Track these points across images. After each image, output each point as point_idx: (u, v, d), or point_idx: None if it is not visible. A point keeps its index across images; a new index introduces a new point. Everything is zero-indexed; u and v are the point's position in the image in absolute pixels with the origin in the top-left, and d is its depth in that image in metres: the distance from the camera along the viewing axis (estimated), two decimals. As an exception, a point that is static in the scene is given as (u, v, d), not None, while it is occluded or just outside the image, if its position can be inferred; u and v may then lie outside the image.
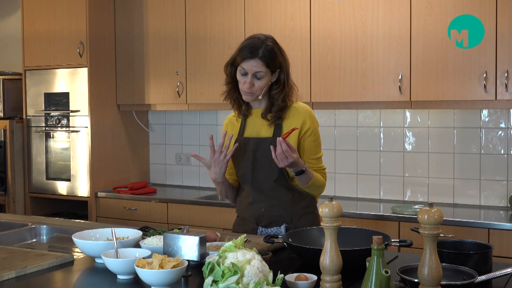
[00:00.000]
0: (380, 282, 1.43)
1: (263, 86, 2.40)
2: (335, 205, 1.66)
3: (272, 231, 2.47)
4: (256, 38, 2.41)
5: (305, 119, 2.45)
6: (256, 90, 2.40)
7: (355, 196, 4.07)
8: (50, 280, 1.92)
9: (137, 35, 4.45)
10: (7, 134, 4.52)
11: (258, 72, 2.37)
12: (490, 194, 3.68)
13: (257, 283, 1.54)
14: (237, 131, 2.54)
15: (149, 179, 4.90)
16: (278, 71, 2.42)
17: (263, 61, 2.36)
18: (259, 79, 2.38)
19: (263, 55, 2.36)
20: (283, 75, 2.43)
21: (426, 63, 3.46)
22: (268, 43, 2.39)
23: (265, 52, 2.36)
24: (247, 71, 2.38)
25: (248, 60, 2.37)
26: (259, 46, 2.38)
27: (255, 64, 2.36)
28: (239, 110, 2.52)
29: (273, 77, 2.42)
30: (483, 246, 1.96)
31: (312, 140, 2.47)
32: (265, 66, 2.37)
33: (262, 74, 2.37)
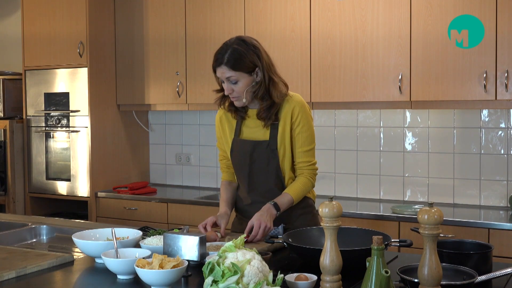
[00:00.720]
0: (380, 282, 1.43)
1: (242, 89, 2.36)
2: (335, 205, 1.66)
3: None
4: (224, 44, 2.39)
5: (294, 109, 2.42)
6: (238, 94, 2.38)
7: (355, 196, 4.07)
8: (50, 280, 1.92)
9: (137, 35, 4.45)
10: (7, 134, 4.52)
11: (229, 77, 2.34)
12: (490, 194, 3.68)
13: (257, 283, 1.54)
14: (233, 130, 2.52)
15: (149, 179, 4.90)
16: (257, 70, 2.37)
17: (229, 66, 2.32)
18: (235, 83, 2.36)
19: (228, 60, 2.32)
20: (260, 72, 2.38)
21: (426, 63, 3.46)
22: (234, 46, 2.35)
23: (230, 56, 2.33)
24: (221, 78, 2.37)
25: (217, 68, 2.36)
26: (225, 51, 2.35)
27: (223, 70, 2.34)
28: (236, 113, 2.51)
29: (253, 77, 2.37)
30: (483, 246, 1.96)
31: (303, 130, 2.43)
32: (233, 70, 2.33)
33: (235, 78, 2.34)
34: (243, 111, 2.49)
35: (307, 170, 2.46)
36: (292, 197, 2.40)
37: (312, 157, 2.48)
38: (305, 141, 2.44)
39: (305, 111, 2.46)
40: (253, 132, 2.48)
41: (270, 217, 2.33)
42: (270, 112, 2.41)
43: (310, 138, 2.46)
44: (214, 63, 2.37)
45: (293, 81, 3.84)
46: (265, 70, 2.38)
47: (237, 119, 2.52)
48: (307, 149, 2.45)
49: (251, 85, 2.37)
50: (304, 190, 2.44)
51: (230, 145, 2.52)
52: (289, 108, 2.43)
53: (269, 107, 2.40)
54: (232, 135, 2.53)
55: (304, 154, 2.45)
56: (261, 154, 2.43)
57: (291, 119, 2.42)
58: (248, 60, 2.34)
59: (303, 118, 2.44)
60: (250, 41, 2.40)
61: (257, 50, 2.38)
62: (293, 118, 2.42)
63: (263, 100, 2.40)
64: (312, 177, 2.48)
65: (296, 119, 2.43)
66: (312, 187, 2.50)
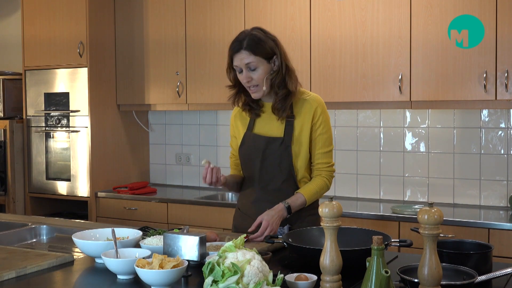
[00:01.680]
0: (380, 282, 1.43)
1: (261, 76, 2.34)
2: (335, 205, 1.66)
3: None
4: (242, 32, 2.39)
5: (316, 109, 2.42)
6: (257, 82, 2.35)
7: (355, 196, 4.07)
8: (50, 280, 1.92)
9: (137, 35, 4.45)
10: (7, 134, 4.52)
11: (249, 63, 2.32)
12: (490, 194, 3.68)
13: (257, 283, 1.54)
14: (247, 124, 2.50)
15: (149, 179, 4.90)
16: (275, 58, 2.37)
17: (249, 50, 2.32)
18: (254, 70, 2.34)
19: (248, 45, 2.32)
20: (278, 61, 2.37)
21: (426, 63, 3.46)
22: (252, 32, 2.36)
23: (250, 41, 2.32)
24: (240, 66, 2.35)
25: (236, 55, 2.34)
26: (244, 38, 2.35)
27: (243, 56, 2.32)
28: (250, 112, 2.49)
29: (271, 66, 2.37)
30: (483, 246, 1.96)
31: (324, 131, 2.43)
32: (253, 54, 2.32)
33: (254, 64, 2.33)
34: (257, 108, 2.46)
35: (325, 171, 2.45)
36: (306, 198, 2.39)
37: (330, 159, 2.47)
38: (325, 142, 2.44)
39: (326, 112, 2.47)
40: (266, 128, 2.45)
41: (279, 219, 2.32)
42: (285, 103, 2.38)
43: (330, 139, 2.46)
44: (232, 50, 2.35)
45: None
46: (283, 58, 2.38)
47: (252, 116, 2.49)
48: (326, 151, 2.45)
49: (270, 73, 2.36)
50: (318, 193, 2.42)
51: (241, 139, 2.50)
52: (310, 107, 2.42)
53: (285, 98, 2.38)
54: (244, 129, 2.50)
55: (323, 155, 2.44)
56: (274, 151, 2.41)
57: (312, 120, 2.41)
58: (267, 46, 2.35)
59: (324, 120, 2.44)
60: (267, 30, 2.42)
61: (275, 38, 2.40)
62: (315, 119, 2.41)
63: (280, 89, 2.38)
64: (329, 179, 2.46)
65: (318, 120, 2.42)
66: (327, 190, 2.47)
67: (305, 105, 2.42)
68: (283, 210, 2.35)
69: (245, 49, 2.32)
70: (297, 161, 2.42)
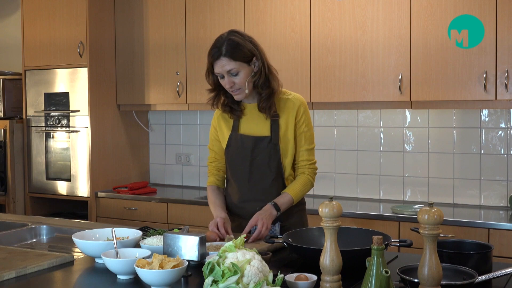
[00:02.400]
0: (380, 282, 1.43)
1: (243, 80, 2.35)
2: (335, 205, 1.66)
3: None
4: (219, 38, 2.38)
5: (299, 107, 2.45)
6: (240, 86, 2.36)
7: (355, 196, 4.07)
8: (50, 280, 1.92)
9: (137, 35, 4.45)
10: (7, 134, 4.52)
11: (230, 70, 2.33)
12: (490, 194, 3.68)
13: (257, 283, 1.54)
14: (231, 127, 2.51)
15: (149, 179, 4.90)
16: (255, 59, 2.37)
17: (229, 56, 2.31)
18: (236, 75, 2.34)
19: (227, 51, 2.32)
20: (258, 62, 2.37)
21: (426, 63, 3.46)
22: (230, 37, 2.35)
23: (228, 47, 2.32)
24: (221, 72, 2.35)
25: (216, 62, 2.35)
26: (221, 44, 2.34)
27: (223, 63, 2.33)
28: (231, 113, 2.49)
29: (252, 67, 2.37)
30: (483, 246, 1.96)
31: (307, 129, 2.46)
32: (234, 60, 2.32)
33: (235, 69, 2.33)
34: (238, 109, 2.48)
35: (308, 168, 2.47)
36: (292, 197, 2.41)
37: (312, 156, 2.50)
38: (307, 140, 2.47)
39: (308, 111, 2.50)
40: (252, 127, 2.47)
41: (270, 217, 2.34)
42: (270, 101, 2.40)
43: (312, 137, 2.49)
44: (212, 57, 2.35)
45: (293, 81, 3.84)
46: (263, 58, 2.39)
47: (233, 118, 2.50)
48: (309, 148, 2.48)
49: (251, 75, 2.37)
50: (303, 190, 2.46)
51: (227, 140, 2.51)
52: (293, 105, 2.44)
53: (269, 96, 2.40)
54: (229, 131, 2.51)
55: (306, 153, 2.46)
56: (263, 150, 2.42)
57: (296, 117, 2.44)
58: (246, 49, 2.34)
59: (306, 118, 2.47)
60: (243, 32, 2.42)
61: (252, 39, 2.41)
62: (298, 117, 2.44)
63: (263, 89, 2.39)
64: (313, 176, 2.49)
65: (301, 118, 2.45)
66: (311, 187, 2.50)
67: (288, 104, 2.45)
68: (271, 209, 2.36)
69: (225, 56, 2.32)
70: (285, 159, 2.45)
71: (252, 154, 2.44)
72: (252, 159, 2.44)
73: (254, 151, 2.44)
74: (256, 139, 2.44)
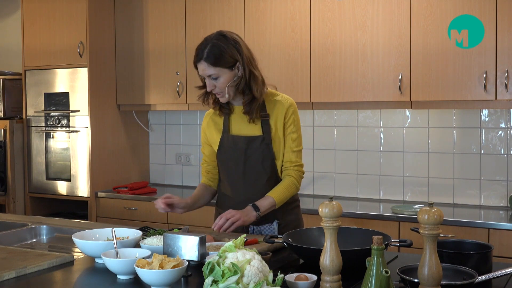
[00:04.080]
0: (380, 282, 1.43)
1: (224, 85, 2.35)
2: (335, 205, 1.66)
3: (264, 228, 2.47)
4: (204, 39, 2.38)
5: (288, 109, 2.44)
6: (220, 90, 2.37)
7: (355, 196, 4.07)
8: (50, 280, 1.92)
9: (137, 35, 4.45)
10: (7, 134, 4.52)
11: (210, 74, 2.34)
12: (490, 194, 3.68)
13: (257, 283, 1.54)
14: (221, 129, 2.51)
15: (149, 179, 4.90)
16: (238, 64, 2.36)
17: (209, 62, 2.32)
18: (216, 79, 2.35)
19: (208, 56, 2.32)
20: (241, 67, 2.37)
21: (426, 63, 3.46)
22: (214, 41, 2.34)
23: (209, 53, 2.32)
24: (202, 75, 2.37)
25: (198, 64, 2.36)
26: (205, 47, 2.34)
27: (203, 67, 2.34)
28: (220, 111, 2.50)
29: (235, 72, 2.36)
30: (483, 246, 1.96)
31: (294, 131, 2.45)
32: (214, 66, 2.32)
33: (216, 74, 2.33)
34: (227, 107, 2.48)
35: (293, 170, 2.45)
36: (275, 200, 2.38)
37: (300, 159, 2.48)
38: (295, 141, 2.46)
39: (297, 113, 2.49)
40: (243, 128, 2.46)
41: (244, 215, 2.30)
42: (251, 107, 2.40)
43: (299, 140, 2.48)
44: (195, 58, 2.37)
45: (293, 81, 3.84)
46: (246, 64, 2.37)
47: (222, 116, 2.51)
48: (295, 150, 2.46)
49: (233, 80, 2.36)
50: (286, 193, 2.41)
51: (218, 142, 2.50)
52: (282, 107, 2.44)
53: (250, 102, 2.40)
54: (220, 133, 2.51)
55: (292, 154, 2.45)
56: (256, 150, 2.42)
57: (284, 118, 2.43)
58: (228, 55, 2.33)
59: (295, 120, 2.46)
60: (231, 36, 2.38)
61: (237, 44, 2.37)
62: (286, 117, 2.44)
63: (244, 94, 2.40)
64: (298, 179, 2.46)
65: (289, 119, 2.44)
66: (296, 190, 2.47)
67: (277, 105, 2.45)
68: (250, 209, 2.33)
69: (205, 60, 2.33)
70: (277, 161, 2.45)
71: (245, 154, 2.44)
72: (246, 159, 2.44)
73: (247, 151, 2.43)
74: (249, 139, 2.44)
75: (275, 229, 2.45)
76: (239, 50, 2.36)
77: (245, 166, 2.45)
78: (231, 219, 2.27)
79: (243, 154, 2.44)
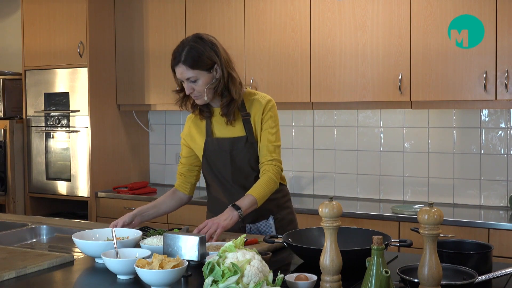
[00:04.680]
0: (380, 282, 1.43)
1: (202, 88, 2.34)
2: (335, 205, 1.66)
3: (261, 225, 2.47)
4: (181, 42, 2.36)
5: (266, 105, 2.43)
6: (199, 93, 2.35)
7: (355, 196, 4.07)
8: (50, 280, 1.92)
9: (137, 35, 4.45)
10: (7, 134, 4.52)
11: (189, 77, 2.32)
12: (490, 194, 3.68)
13: (257, 283, 1.54)
14: (203, 132, 2.49)
15: (149, 179, 4.90)
16: (216, 66, 2.35)
17: (187, 64, 2.30)
18: (194, 82, 2.33)
19: (185, 59, 2.30)
20: (219, 69, 2.35)
21: (426, 63, 3.46)
22: (191, 43, 2.33)
23: (187, 55, 2.30)
24: (180, 78, 2.35)
25: (175, 68, 2.34)
26: (182, 50, 2.32)
27: (182, 70, 2.32)
28: (201, 114, 2.48)
29: (213, 74, 2.35)
30: (483, 246, 1.96)
31: (271, 127, 2.42)
32: (192, 69, 2.30)
33: (194, 77, 2.32)
34: (207, 110, 2.46)
35: (270, 165, 2.39)
36: (255, 197, 2.32)
37: (277, 154, 2.44)
38: (271, 136, 2.42)
39: (275, 110, 2.47)
40: (226, 130, 2.45)
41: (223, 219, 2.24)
42: (229, 108, 2.39)
43: (277, 135, 2.45)
44: (172, 61, 2.35)
45: (293, 81, 3.84)
46: (224, 66, 2.36)
47: (203, 119, 2.49)
48: (272, 145, 2.42)
49: (211, 82, 2.35)
50: (266, 189, 2.36)
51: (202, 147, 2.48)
52: (259, 105, 2.43)
53: (228, 104, 2.39)
54: (203, 137, 2.49)
55: (268, 148, 2.41)
56: (241, 150, 2.42)
57: (262, 115, 2.42)
58: (205, 57, 2.32)
59: (272, 116, 2.44)
60: (207, 38, 2.38)
61: (215, 46, 2.37)
62: (263, 114, 2.42)
63: (223, 96, 2.39)
64: (276, 175, 2.39)
65: (266, 115, 2.43)
66: (276, 186, 2.40)
67: (255, 103, 2.44)
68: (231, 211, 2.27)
69: (183, 63, 2.31)
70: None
71: (231, 155, 2.43)
72: (232, 160, 2.43)
73: (233, 152, 2.42)
74: (233, 140, 2.43)
75: (271, 225, 2.45)
76: (217, 52, 2.36)
77: (233, 167, 2.43)
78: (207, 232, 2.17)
79: (228, 155, 2.43)
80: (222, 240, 2.21)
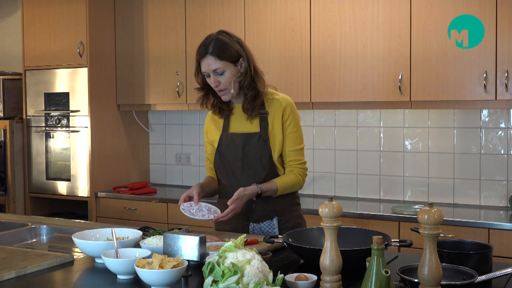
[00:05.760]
0: (380, 282, 1.43)
1: (229, 80, 2.37)
2: (335, 205, 1.66)
3: (264, 225, 2.47)
4: (207, 37, 2.41)
5: (286, 108, 2.45)
6: (225, 86, 2.38)
7: (355, 196, 4.07)
8: (50, 280, 1.92)
9: (137, 36, 4.45)
10: (7, 134, 4.52)
11: (216, 69, 2.35)
12: (490, 194, 3.68)
13: (257, 283, 1.54)
14: (220, 127, 2.53)
15: (149, 179, 4.90)
16: (241, 60, 2.39)
17: (215, 55, 2.34)
18: (221, 74, 2.36)
19: (213, 50, 2.34)
20: (245, 63, 2.39)
21: (426, 63, 3.46)
22: (218, 36, 2.38)
23: (215, 46, 2.35)
24: (207, 71, 2.37)
25: (203, 60, 2.37)
26: (209, 43, 2.37)
27: (210, 61, 2.35)
28: (220, 113, 2.51)
29: (238, 68, 2.39)
30: (483, 246, 1.96)
31: (294, 130, 2.47)
32: (220, 59, 2.34)
33: (221, 69, 2.35)
34: (227, 108, 2.49)
35: (297, 168, 2.47)
36: (278, 187, 2.40)
37: (302, 156, 2.51)
38: (295, 140, 2.47)
39: (295, 112, 2.51)
40: (242, 126, 2.48)
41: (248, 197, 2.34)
42: (254, 103, 2.42)
43: (300, 138, 2.50)
44: (199, 55, 2.38)
45: (293, 81, 3.84)
46: (250, 59, 2.41)
47: (222, 117, 2.52)
48: (297, 148, 2.48)
49: (237, 75, 2.39)
50: (292, 186, 2.45)
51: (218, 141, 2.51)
52: (279, 105, 2.45)
53: (254, 98, 2.42)
54: (219, 131, 2.53)
55: (294, 153, 2.47)
56: (253, 146, 2.43)
57: (282, 117, 2.45)
58: (232, 49, 2.37)
59: (294, 119, 2.48)
60: (232, 33, 2.44)
61: (240, 40, 2.42)
62: (285, 117, 2.45)
63: (249, 90, 2.41)
64: (302, 176, 2.49)
65: (287, 118, 2.46)
66: (300, 187, 2.50)
67: (275, 103, 2.46)
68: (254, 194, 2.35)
69: (211, 54, 2.35)
70: (275, 154, 2.45)
71: (243, 151, 2.45)
72: (243, 156, 2.45)
73: (245, 148, 2.44)
74: (246, 136, 2.45)
75: (275, 226, 2.46)
76: (242, 45, 2.42)
77: (243, 162, 2.45)
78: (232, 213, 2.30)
79: (240, 151, 2.45)
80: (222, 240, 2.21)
